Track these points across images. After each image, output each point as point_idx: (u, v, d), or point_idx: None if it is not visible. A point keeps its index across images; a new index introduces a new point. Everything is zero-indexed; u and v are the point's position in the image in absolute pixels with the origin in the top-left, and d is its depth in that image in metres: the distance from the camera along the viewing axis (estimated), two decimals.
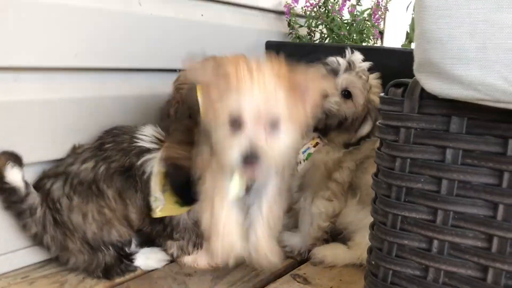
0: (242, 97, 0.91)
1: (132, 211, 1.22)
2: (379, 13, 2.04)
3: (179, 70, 1.57)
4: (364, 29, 1.99)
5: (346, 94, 1.36)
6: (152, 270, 1.29)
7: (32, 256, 1.27)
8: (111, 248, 1.22)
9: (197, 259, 1.31)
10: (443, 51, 0.74)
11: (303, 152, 1.40)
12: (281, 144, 0.95)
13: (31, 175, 1.25)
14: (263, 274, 1.30)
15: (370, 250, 1.01)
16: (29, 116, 1.21)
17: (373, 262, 0.99)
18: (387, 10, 2.17)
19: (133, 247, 1.29)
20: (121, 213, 1.22)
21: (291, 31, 1.96)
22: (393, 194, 0.93)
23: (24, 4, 1.15)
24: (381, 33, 2.50)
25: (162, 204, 1.18)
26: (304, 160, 1.41)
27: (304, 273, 1.32)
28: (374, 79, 1.40)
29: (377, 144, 0.99)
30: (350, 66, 1.36)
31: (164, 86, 1.47)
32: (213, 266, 1.31)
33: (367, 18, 2.00)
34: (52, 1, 1.21)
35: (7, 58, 1.15)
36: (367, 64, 1.39)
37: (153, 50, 1.49)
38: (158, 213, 1.19)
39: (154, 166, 1.19)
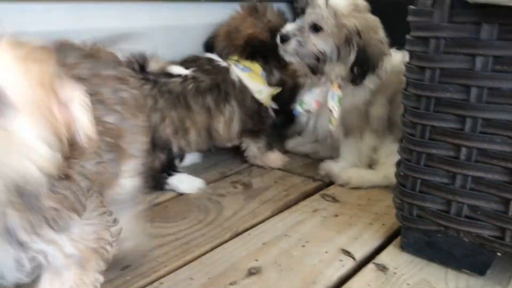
0: None
1: (220, 122, 1.43)
2: None
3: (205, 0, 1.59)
4: None
5: (316, 28, 1.35)
6: (187, 194, 1.35)
7: None
8: (165, 153, 1.36)
9: (270, 158, 1.57)
10: None
11: (332, 99, 1.38)
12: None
13: None
14: (293, 194, 1.35)
15: (398, 163, 1.04)
16: None
17: (401, 173, 1.02)
18: None
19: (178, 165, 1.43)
20: (204, 125, 1.41)
21: None
22: (422, 106, 0.95)
23: None
24: None
25: (266, 90, 1.50)
26: (337, 106, 1.38)
27: (333, 193, 1.37)
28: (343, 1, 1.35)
29: (403, 78, 0.99)
30: (307, 1, 1.36)
31: (190, 16, 1.49)
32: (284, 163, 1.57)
33: None
34: None
35: None
36: None
37: None
38: (264, 99, 1.50)
39: (241, 74, 1.48)
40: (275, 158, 1.58)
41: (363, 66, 1.34)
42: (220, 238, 1.11)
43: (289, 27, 1.40)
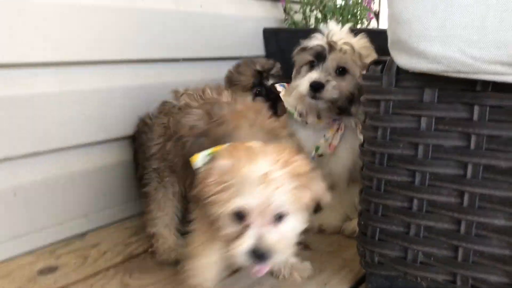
0: (246, 192, 0.86)
1: None
2: None
3: (182, 60, 1.69)
4: (357, 12, 2.08)
5: (341, 71, 1.42)
6: None
7: (59, 233, 1.40)
8: None
9: None
10: (409, 30, 0.85)
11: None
12: (289, 235, 0.92)
13: (50, 162, 1.37)
14: None
15: (360, 213, 1.13)
16: (47, 107, 1.33)
17: (362, 223, 1.10)
18: None
19: None
20: None
21: (286, 17, 2.06)
22: (377, 160, 1.04)
23: (39, 4, 1.27)
24: (377, 14, 2.59)
25: None
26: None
27: (305, 240, 1.43)
28: (359, 42, 1.45)
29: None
30: (331, 46, 1.42)
31: (168, 75, 1.59)
32: None
33: (359, 1, 2.09)
34: (65, 1, 1.32)
35: (27, 55, 1.27)
36: (345, 32, 1.46)
37: (156, 42, 1.60)
38: None
39: None
40: None
41: None
42: None
43: (314, 75, 1.40)
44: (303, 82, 1.42)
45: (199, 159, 0.95)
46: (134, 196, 1.59)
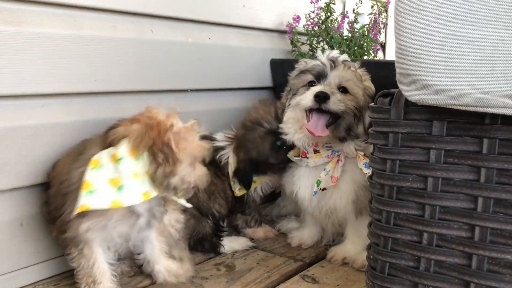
0: None
1: (227, 187, 1.60)
2: (377, 28, 2.15)
3: (190, 90, 1.71)
4: (363, 44, 2.10)
5: (342, 90, 1.42)
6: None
7: (62, 265, 1.39)
8: (211, 218, 1.54)
9: (255, 231, 1.70)
10: (417, 64, 0.85)
11: (366, 167, 1.39)
12: None
13: None
14: (274, 276, 1.40)
15: (369, 246, 1.11)
16: (55, 137, 1.33)
17: (371, 257, 1.08)
18: (386, 25, 2.28)
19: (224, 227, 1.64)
20: (221, 187, 1.58)
21: (293, 48, 2.08)
22: (386, 193, 1.03)
23: (48, 37, 1.29)
24: (383, 46, 2.62)
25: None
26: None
27: (313, 274, 1.42)
28: (359, 68, 1.47)
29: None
30: (334, 63, 1.42)
31: (176, 105, 1.60)
32: (268, 237, 1.71)
33: (365, 33, 2.11)
34: (73, 33, 1.34)
35: (35, 86, 1.28)
36: (346, 56, 1.47)
37: (165, 73, 1.61)
38: (237, 192, 1.60)
39: (229, 158, 1.59)
40: (264, 231, 1.71)
41: None
42: None
43: (317, 88, 1.39)
44: (306, 96, 1.40)
45: None
46: None
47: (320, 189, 1.45)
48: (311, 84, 1.45)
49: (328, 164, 1.45)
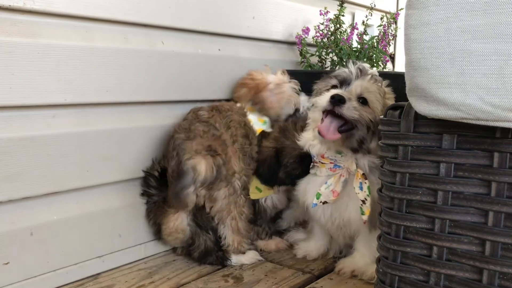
0: None
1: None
2: (387, 40, 2.15)
3: (201, 101, 1.72)
4: (372, 55, 2.11)
5: (362, 101, 1.39)
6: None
7: (72, 274, 1.39)
8: (211, 233, 1.52)
9: (267, 244, 1.70)
10: (428, 78, 0.85)
11: (361, 189, 1.39)
12: None
13: (67, 202, 1.38)
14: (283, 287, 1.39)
15: (378, 259, 1.11)
16: (66, 148, 1.35)
17: (380, 270, 1.08)
18: (395, 36, 2.28)
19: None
20: None
21: (303, 60, 2.09)
22: (395, 206, 1.03)
23: (61, 48, 1.30)
24: (392, 57, 2.62)
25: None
26: (368, 196, 1.38)
27: (321, 286, 1.41)
28: (385, 86, 1.45)
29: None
30: (361, 72, 1.40)
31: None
32: (280, 249, 1.70)
33: (375, 45, 2.12)
34: (85, 45, 1.36)
35: (47, 97, 1.29)
36: (375, 70, 1.46)
37: (176, 84, 1.62)
38: (251, 193, 1.62)
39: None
40: (275, 243, 1.71)
41: None
42: None
43: (336, 91, 1.37)
44: (323, 97, 1.38)
45: None
46: (148, 238, 1.58)
47: (321, 202, 1.45)
48: (333, 88, 1.44)
49: (331, 178, 1.45)
